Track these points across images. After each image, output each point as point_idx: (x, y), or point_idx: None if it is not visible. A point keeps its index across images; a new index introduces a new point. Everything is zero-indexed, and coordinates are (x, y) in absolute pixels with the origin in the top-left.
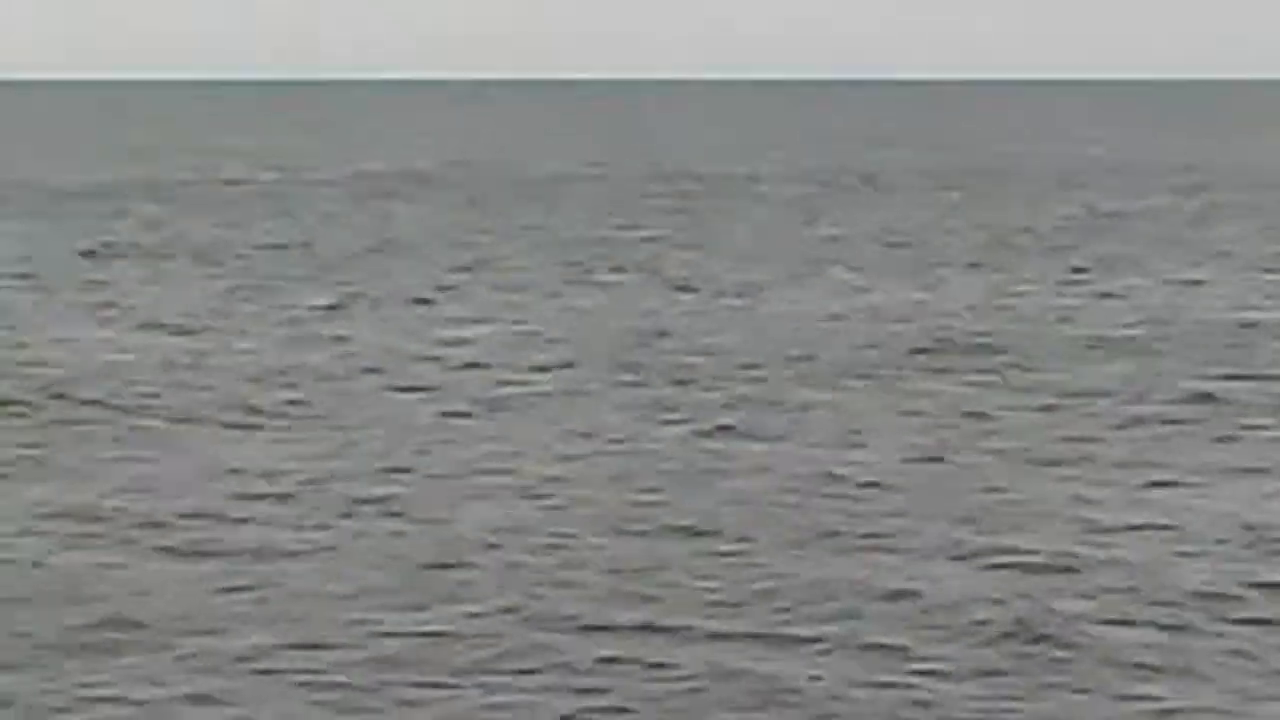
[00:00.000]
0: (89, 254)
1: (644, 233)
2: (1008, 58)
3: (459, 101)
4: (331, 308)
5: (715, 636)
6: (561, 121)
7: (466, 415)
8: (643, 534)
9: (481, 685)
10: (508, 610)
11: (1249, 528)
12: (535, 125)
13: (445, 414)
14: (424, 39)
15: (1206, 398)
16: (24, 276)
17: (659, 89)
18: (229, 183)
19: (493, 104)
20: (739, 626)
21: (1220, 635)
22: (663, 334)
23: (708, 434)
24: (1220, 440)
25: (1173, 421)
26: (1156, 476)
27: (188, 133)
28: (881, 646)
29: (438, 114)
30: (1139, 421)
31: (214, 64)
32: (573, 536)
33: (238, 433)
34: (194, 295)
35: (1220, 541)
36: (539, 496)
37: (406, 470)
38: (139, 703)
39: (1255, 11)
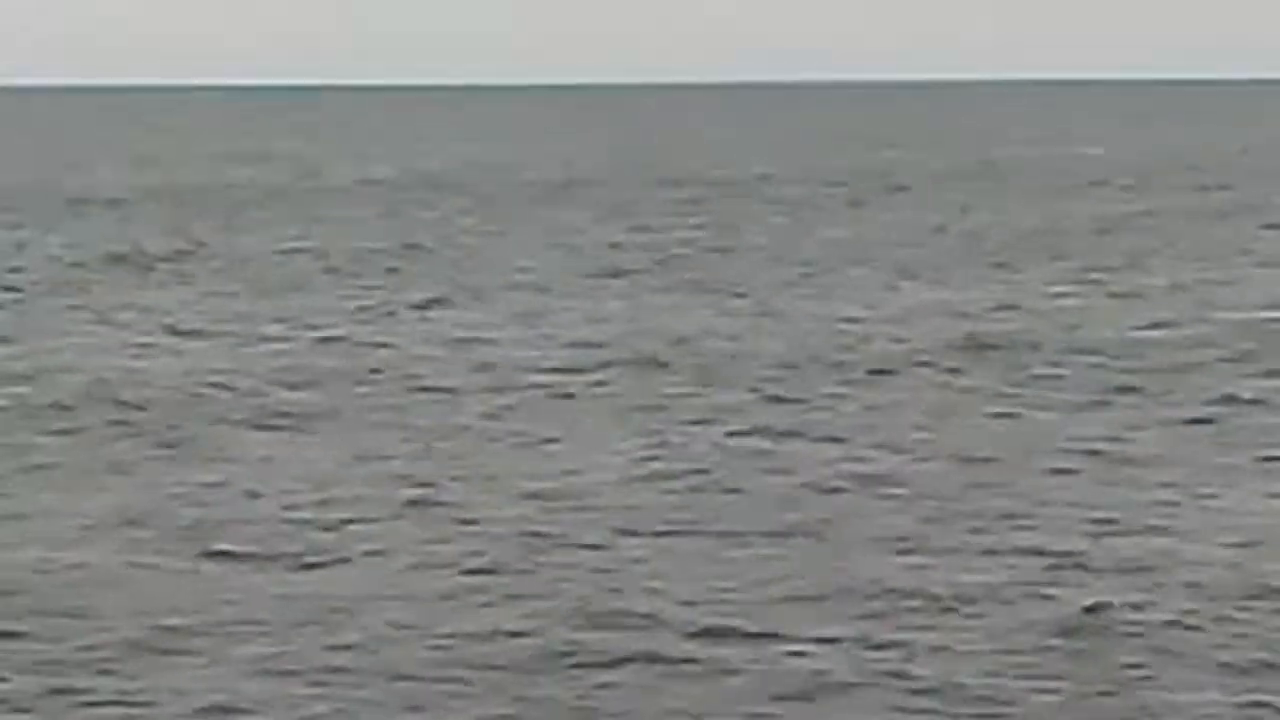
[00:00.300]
0: (111, 260)
1: (660, 236)
2: (1007, 58)
3: (454, 106)
4: (356, 312)
5: (758, 636)
6: (562, 126)
7: (498, 418)
8: (681, 535)
9: (530, 684)
10: (552, 613)
11: None
12: (536, 130)
13: (478, 416)
14: (413, 44)
15: (1233, 399)
16: (50, 283)
17: (655, 93)
18: (238, 188)
19: (489, 108)
20: (780, 625)
21: (1261, 626)
22: (688, 336)
23: (740, 435)
24: (1252, 440)
25: (1202, 421)
26: (1188, 475)
27: (190, 139)
28: (928, 645)
29: (435, 119)
30: (1168, 421)
31: (207, 70)
32: (612, 537)
33: (273, 437)
34: (217, 301)
35: (1257, 541)
36: (575, 498)
37: (445, 474)
38: (195, 707)
39: (1252, 12)
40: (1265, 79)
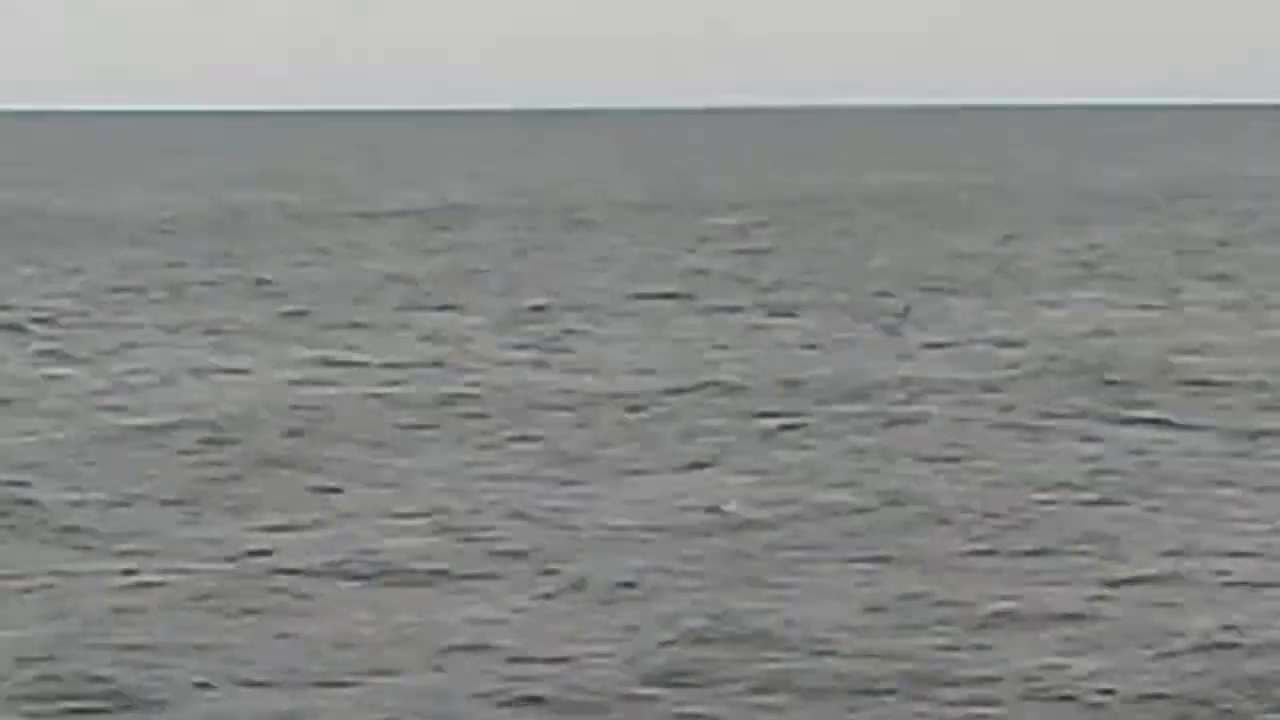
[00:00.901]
0: (165, 285)
1: (712, 260)
2: (1014, 84)
3: (471, 131)
4: (425, 339)
5: (875, 655)
6: (588, 151)
7: (596, 442)
8: (794, 555)
9: (665, 700)
10: (691, 632)
11: None
12: (565, 155)
13: (574, 441)
14: (411, 69)
15: None
16: (111, 308)
17: (666, 118)
18: (279, 213)
19: (510, 133)
20: (893, 645)
21: None
22: (764, 359)
23: (839, 456)
24: None
25: None
26: None
27: (218, 163)
28: (1044, 666)
29: (457, 145)
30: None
31: (221, 96)
32: (727, 559)
33: (374, 461)
34: (282, 326)
35: None
36: (686, 519)
37: (550, 496)
38: None
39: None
40: (1269, 104)
